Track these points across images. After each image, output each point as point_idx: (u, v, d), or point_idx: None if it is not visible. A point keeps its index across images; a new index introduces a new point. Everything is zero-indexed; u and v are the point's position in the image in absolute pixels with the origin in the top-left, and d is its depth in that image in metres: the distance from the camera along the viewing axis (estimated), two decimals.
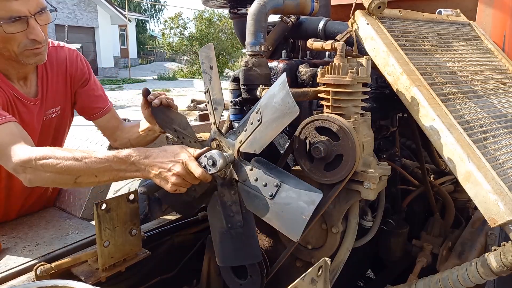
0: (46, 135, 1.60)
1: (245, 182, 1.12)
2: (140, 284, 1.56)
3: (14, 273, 1.30)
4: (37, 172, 1.17)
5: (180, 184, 1.11)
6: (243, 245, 1.17)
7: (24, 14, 1.27)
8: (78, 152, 1.17)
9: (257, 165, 1.11)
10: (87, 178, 1.17)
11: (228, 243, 1.20)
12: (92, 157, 1.14)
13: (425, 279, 1.19)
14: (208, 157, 1.10)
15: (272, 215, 1.05)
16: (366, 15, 1.29)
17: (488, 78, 1.47)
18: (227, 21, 22.10)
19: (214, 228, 1.23)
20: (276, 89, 1.03)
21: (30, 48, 1.33)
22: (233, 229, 1.17)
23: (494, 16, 1.82)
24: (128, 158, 1.13)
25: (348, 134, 1.09)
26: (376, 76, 1.38)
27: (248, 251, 1.17)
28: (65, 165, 1.14)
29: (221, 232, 1.21)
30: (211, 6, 1.68)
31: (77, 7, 19.53)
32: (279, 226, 1.05)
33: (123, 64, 25.07)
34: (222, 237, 1.20)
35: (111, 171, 1.15)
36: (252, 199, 1.10)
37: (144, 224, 1.66)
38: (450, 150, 1.09)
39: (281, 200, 1.04)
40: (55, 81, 1.57)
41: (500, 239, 1.53)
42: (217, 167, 1.08)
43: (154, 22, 47.66)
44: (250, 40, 1.29)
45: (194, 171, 1.08)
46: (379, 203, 1.40)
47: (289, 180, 1.06)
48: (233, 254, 1.20)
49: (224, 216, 1.18)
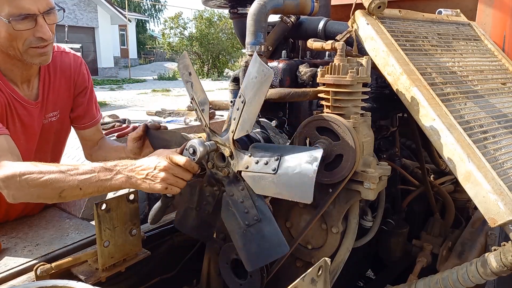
0: (46, 138, 1.60)
1: (248, 169, 1.11)
2: (140, 284, 1.55)
3: (14, 273, 1.30)
4: (21, 189, 1.16)
5: (169, 179, 1.12)
6: (267, 240, 1.12)
7: (34, 12, 1.28)
8: (64, 165, 1.18)
9: (254, 149, 1.11)
10: (71, 191, 1.16)
11: (251, 243, 1.15)
12: (78, 169, 1.16)
13: (425, 279, 1.19)
14: (189, 145, 1.14)
15: (280, 188, 1.05)
16: (366, 15, 1.29)
17: (488, 78, 1.47)
18: (227, 21, 22.10)
19: (233, 232, 1.18)
20: (251, 67, 1.05)
21: (34, 45, 1.33)
22: (251, 226, 1.14)
23: (494, 16, 1.82)
24: (114, 168, 1.15)
25: (348, 134, 1.09)
26: (376, 76, 1.38)
27: (273, 244, 1.12)
28: (49, 178, 1.14)
29: (241, 234, 1.16)
30: (211, 6, 1.68)
31: (77, 7, 19.53)
32: (290, 195, 1.04)
33: (123, 64, 25.08)
34: (244, 239, 1.16)
35: (96, 182, 1.15)
36: (258, 181, 1.09)
37: (144, 224, 1.66)
38: (450, 150, 1.09)
39: (284, 171, 1.04)
40: (57, 85, 1.57)
41: (500, 239, 1.53)
42: (197, 155, 1.13)
43: (154, 22, 47.66)
44: (250, 40, 1.29)
45: (179, 161, 1.12)
46: (379, 203, 1.40)
47: (287, 150, 1.07)
48: (260, 253, 1.14)
49: (239, 214, 1.15)
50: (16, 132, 1.43)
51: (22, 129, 1.46)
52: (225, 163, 1.17)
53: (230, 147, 1.14)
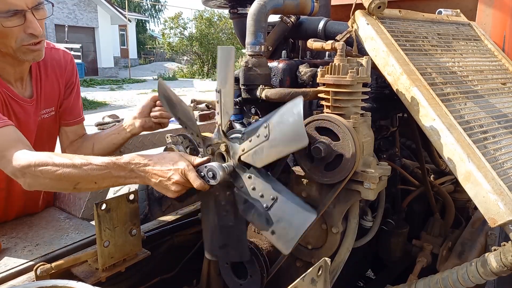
0: (41, 136, 1.60)
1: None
2: (140, 284, 1.55)
3: (14, 273, 1.30)
4: (36, 178, 1.17)
5: (180, 191, 1.12)
6: (292, 213, 1.10)
7: (21, 8, 1.26)
8: (77, 158, 1.17)
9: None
10: (86, 185, 1.17)
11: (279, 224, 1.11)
12: (92, 164, 1.14)
13: (425, 279, 1.19)
14: (208, 168, 1.10)
15: (278, 147, 1.05)
16: (366, 15, 1.29)
17: (488, 78, 1.47)
18: (227, 21, 22.09)
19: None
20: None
21: (27, 43, 1.33)
22: (271, 207, 1.11)
23: (494, 16, 1.82)
24: (127, 165, 1.14)
25: (348, 134, 1.09)
26: (376, 76, 1.38)
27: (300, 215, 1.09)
28: (64, 172, 1.14)
29: (265, 221, 1.13)
30: (211, 6, 1.68)
31: (77, 7, 19.51)
32: (288, 149, 1.05)
33: (123, 64, 25.07)
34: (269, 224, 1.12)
35: (110, 178, 1.15)
36: (257, 155, 1.08)
37: (144, 224, 1.66)
38: (450, 150, 1.09)
39: (274, 129, 1.04)
40: (49, 82, 1.57)
41: (500, 239, 1.53)
42: (217, 179, 1.09)
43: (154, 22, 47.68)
44: (250, 40, 1.29)
45: (192, 182, 1.09)
46: (379, 203, 1.40)
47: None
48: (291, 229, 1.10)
49: (255, 203, 1.14)
50: None
51: (19, 127, 1.46)
52: (226, 160, 1.17)
53: (234, 160, 1.13)
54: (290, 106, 1.02)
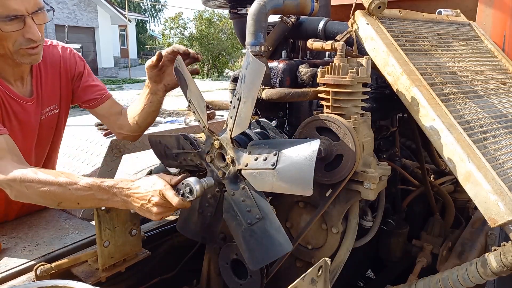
0: (45, 134, 1.60)
1: (247, 166, 1.11)
2: (140, 284, 1.56)
3: (14, 273, 1.30)
4: (21, 192, 1.19)
5: (162, 213, 1.13)
6: (270, 238, 1.11)
7: (22, 13, 1.26)
8: (62, 177, 1.18)
9: (252, 147, 1.11)
10: (69, 204, 1.19)
11: (254, 242, 1.13)
12: (76, 184, 1.16)
13: (425, 279, 1.19)
14: (185, 184, 1.11)
15: (281, 182, 1.04)
16: (366, 15, 1.29)
17: (488, 78, 1.47)
18: (227, 21, 22.09)
19: (236, 231, 1.17)
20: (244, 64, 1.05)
21: (24, 47, 1.33)
22: (253, 224, 1.12)
23: (494, 16, 1.82)
24: (111, 189, 1.15)
25: (348, 134, 1.09)
26: (376, 76, 1.38)
27: (276, 242, 1.10)
28: (48, 190, 1.16)
29: (243, 233, 1.15)
30: (211, 7, 1.68)
31: (77, 7, 19.51)
32: (291, 189, 1.04)
33: (123, 64, 25.08)
34: (246, 238, 1.15)
35: (93, 200, 1.16)
36: (258, 178, 1.09)
37: (144, 224, 1.66)
38: (450, 150, 1.09)
39: (283, 164, 1.03)
40: (50, 79, 1.57)
41: (500, 239, 1.53)
42: (194, 194, 1.10)
43: (154, 22, 47.59)
44: (250, 40, 1.29)
45: (171, 201, 1.09)
46: (379, 203, 1.40)
47: (285, 144, 1.06)
48: (264, 252, 1.12)
49: (241, 214, 1.15)
50: (13, 130, 1.42)
51: (19, 126, 1.46)
52: (225, 163, 1.17)
53: (229, 146, 1.14)
54: (306, 147, 1.01)
